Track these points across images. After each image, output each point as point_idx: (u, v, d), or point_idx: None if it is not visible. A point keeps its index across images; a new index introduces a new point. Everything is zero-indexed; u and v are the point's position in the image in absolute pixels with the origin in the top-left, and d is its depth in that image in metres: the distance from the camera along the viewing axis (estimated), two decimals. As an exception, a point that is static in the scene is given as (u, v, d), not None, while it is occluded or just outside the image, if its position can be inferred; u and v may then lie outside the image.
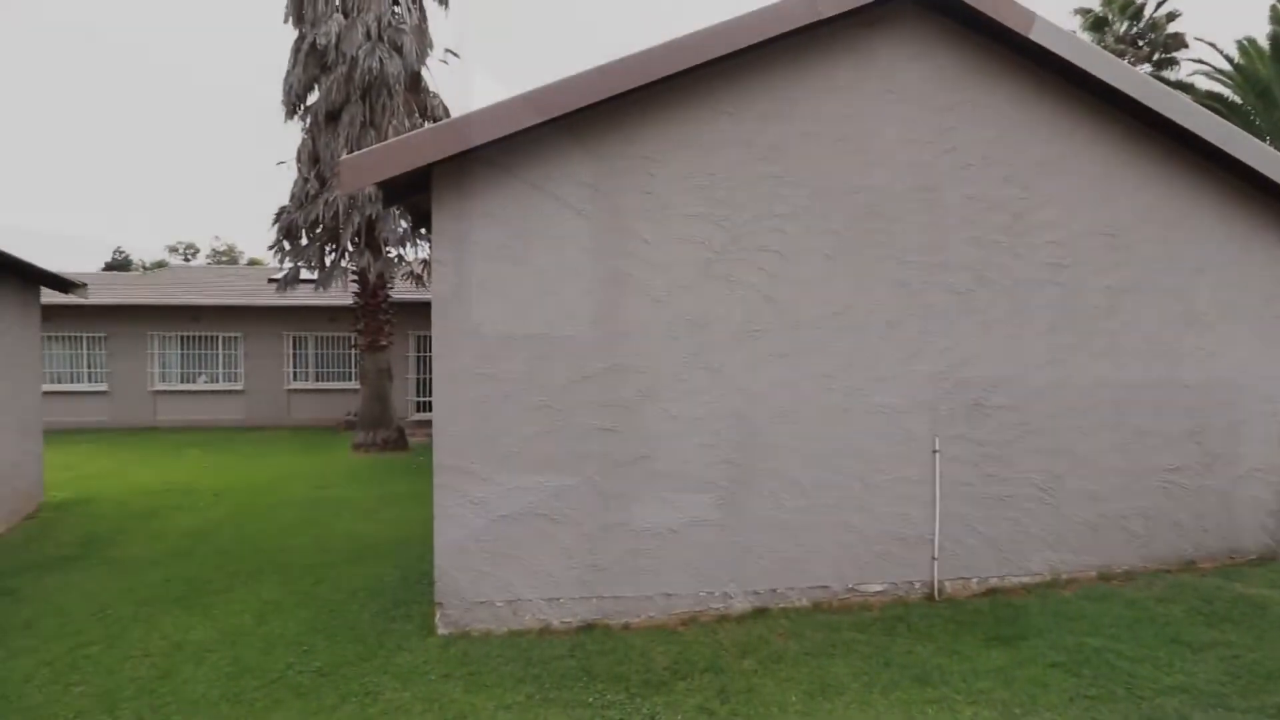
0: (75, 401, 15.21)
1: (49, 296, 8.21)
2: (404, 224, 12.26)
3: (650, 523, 4.26)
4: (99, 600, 4.73)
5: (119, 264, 40.44)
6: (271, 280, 16.70)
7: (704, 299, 4.29)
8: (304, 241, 12.12)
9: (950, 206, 4.57)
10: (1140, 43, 20.79)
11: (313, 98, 11.97)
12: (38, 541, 6.29)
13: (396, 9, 12.09)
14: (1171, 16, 20.38)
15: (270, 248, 12.45)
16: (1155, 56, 20.66)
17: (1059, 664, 3.59)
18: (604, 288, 4.21)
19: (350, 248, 12.03)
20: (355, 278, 12.50)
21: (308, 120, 11.99)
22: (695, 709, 3.22)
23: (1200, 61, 15.52)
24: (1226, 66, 14.43)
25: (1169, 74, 20.11)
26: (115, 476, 9.56)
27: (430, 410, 15.47)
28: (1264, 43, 13.58)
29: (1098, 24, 20.82)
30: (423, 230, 12.47)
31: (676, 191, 4.26)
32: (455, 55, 13.16)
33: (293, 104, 12.04)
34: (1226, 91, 14.68)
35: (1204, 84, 15.39)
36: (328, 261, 12.20)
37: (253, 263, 37.39)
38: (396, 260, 12.95)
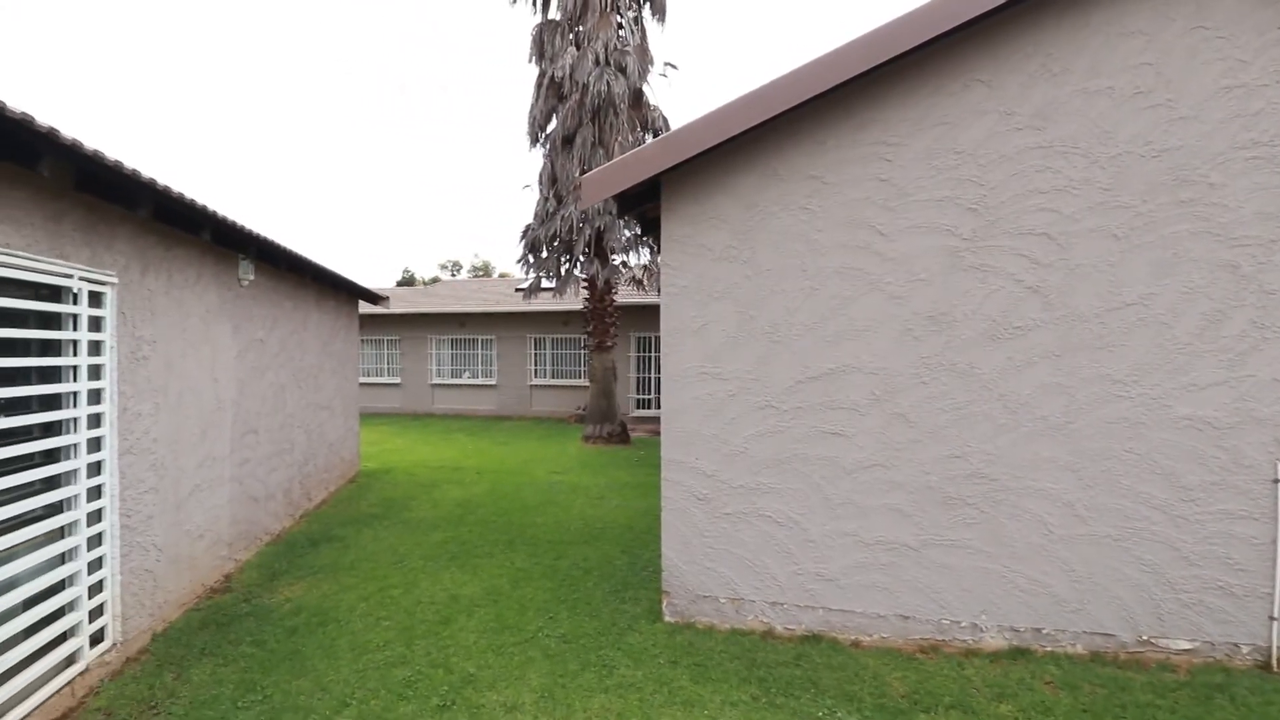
0: (377, 391, 18.94)
1: (361, 307, 10.33)
2: (627, 233, 13.09)
3: (883, 536, 3.95)
4: (398, 552, 5.79)
5: (406, 280, 49.52)
6: (518, 289, 19.07)
7: (950, 292, 3.86)
8: (544, 254, 13.60)
9: (1304, 163, 3.51)
10: None
11: (551, 126, 13.37)
12: (355, 501, 7.92)
13: (621, 33, 12.97)
14: None
15: (518, 261, 14.18)
16: None
17: None
18: (832, 285, 4.02)
19: (582, 257, 13.19)
20: (586, 284, 13.68)
21: (547, 146, 13.42)
22: (941, 747, 2.90)
23: None
24: None
25: None
26: (405, 453, 11.68)
27: (650, 407, 16.35)
28: None
29: None
30: (645, 237, 13.19)
31: (916, 176, 3.89)
32: (674, 67, 13.69)
33: (535, 133, 13.57)
34: None
35: None
36: (563, 271, 13.53)
37: (502, 275, 43.15)
38: (621, 267, 13.87)
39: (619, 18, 13.01)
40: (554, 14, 13.21)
